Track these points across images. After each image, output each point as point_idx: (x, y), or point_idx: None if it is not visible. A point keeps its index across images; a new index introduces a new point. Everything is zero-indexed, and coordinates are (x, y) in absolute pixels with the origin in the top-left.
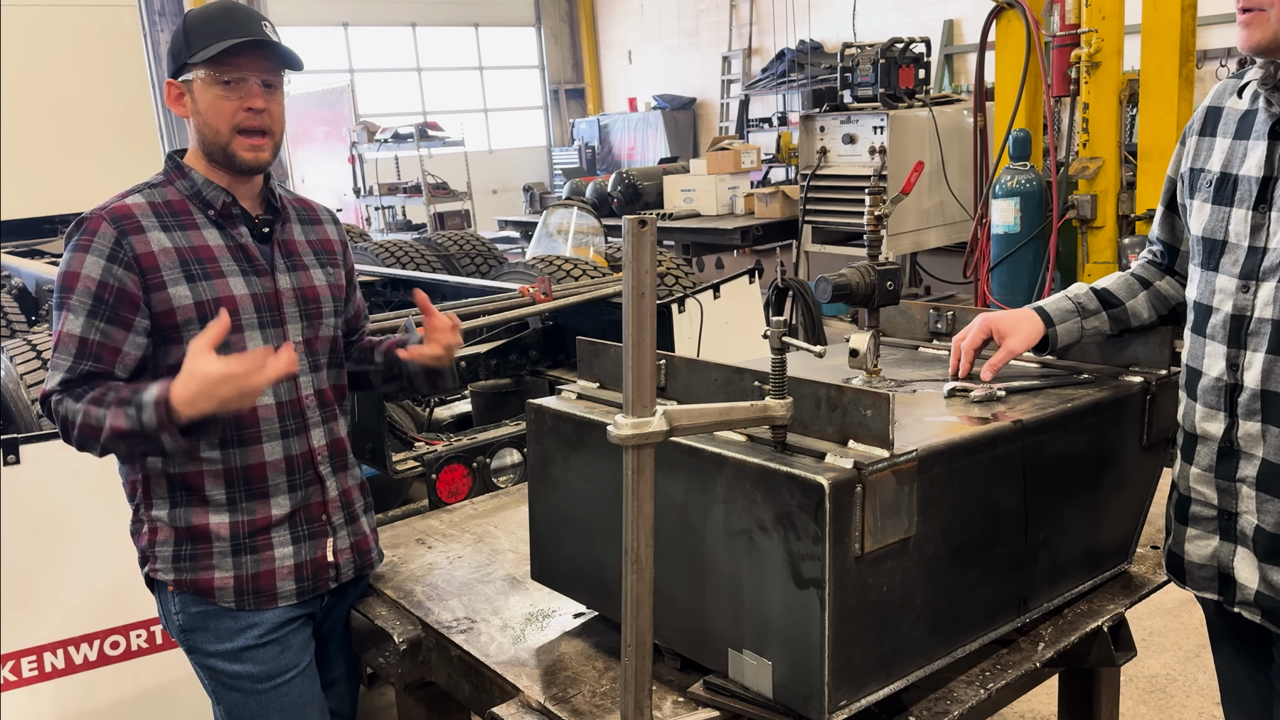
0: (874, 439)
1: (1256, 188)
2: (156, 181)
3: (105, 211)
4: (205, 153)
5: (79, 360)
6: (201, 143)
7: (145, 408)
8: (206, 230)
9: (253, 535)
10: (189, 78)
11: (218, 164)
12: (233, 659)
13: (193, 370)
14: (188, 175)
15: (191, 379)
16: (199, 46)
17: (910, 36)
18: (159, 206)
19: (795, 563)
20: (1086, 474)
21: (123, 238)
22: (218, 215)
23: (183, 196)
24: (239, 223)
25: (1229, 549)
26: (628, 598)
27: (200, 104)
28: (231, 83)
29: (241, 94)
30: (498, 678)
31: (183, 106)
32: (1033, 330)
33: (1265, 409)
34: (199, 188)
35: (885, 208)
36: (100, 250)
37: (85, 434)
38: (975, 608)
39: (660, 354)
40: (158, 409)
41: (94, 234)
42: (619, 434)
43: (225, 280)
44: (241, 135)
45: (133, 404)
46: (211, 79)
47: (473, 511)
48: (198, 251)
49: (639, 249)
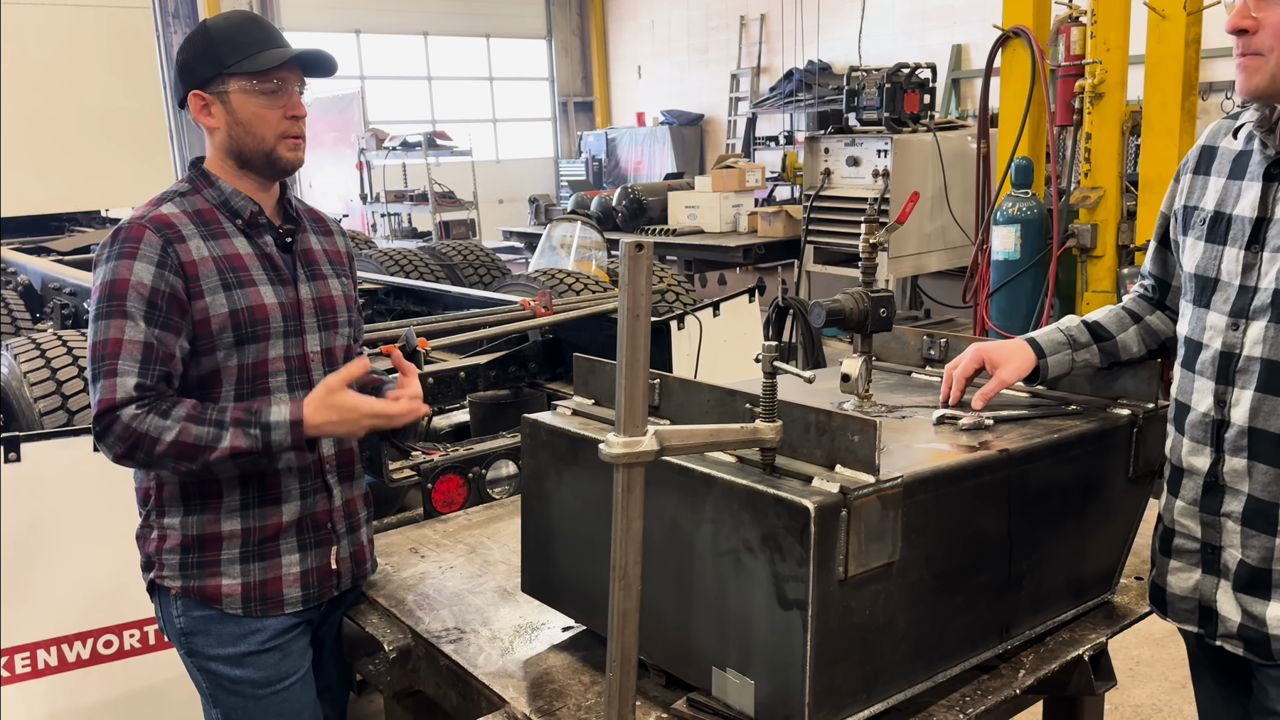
0: (860, 464)
1: (1250, 228)
2: (184, 190)
3: (146, 220)
4: (241, 160)
5: (148, 364)
6: (238, 150)
7: (276, 428)
8: (236, 239)
9: (262, 543)
10: (223, 88)
11: (254, 169)
12: (234, 664)
13: (337, 403)
14: (215, 184)
15: (334, 410)
16: (239, 56)
17: (916, 62)
18: (192, 216)
19: (780, 584)
20: (1072, 504)
21: (169, 245)
22: (245, 224)
23: (211, 205)
24: (265, 232)
25: (1211, 582)
26: (614, 614)
27: (242, 113)
28: (277, 92)
29: (283, 102)
30: (485, 688)
31: (211, 117)
32: (1024, 361)
33: (1252, 445)
34: (227, 197)
35: (880, 236)
36: (149, 256)
37: (178, 452)
38: (958, 633)
39: (655, 373)
40: (294, 430)
41: (139, 241)
42: (610, 453)
43: (257, 289)
44: (285, 138)
45: (256, 424)
46: (255, 89)
47: (466, 522)
48: (230, 260)
49: (635, 272)
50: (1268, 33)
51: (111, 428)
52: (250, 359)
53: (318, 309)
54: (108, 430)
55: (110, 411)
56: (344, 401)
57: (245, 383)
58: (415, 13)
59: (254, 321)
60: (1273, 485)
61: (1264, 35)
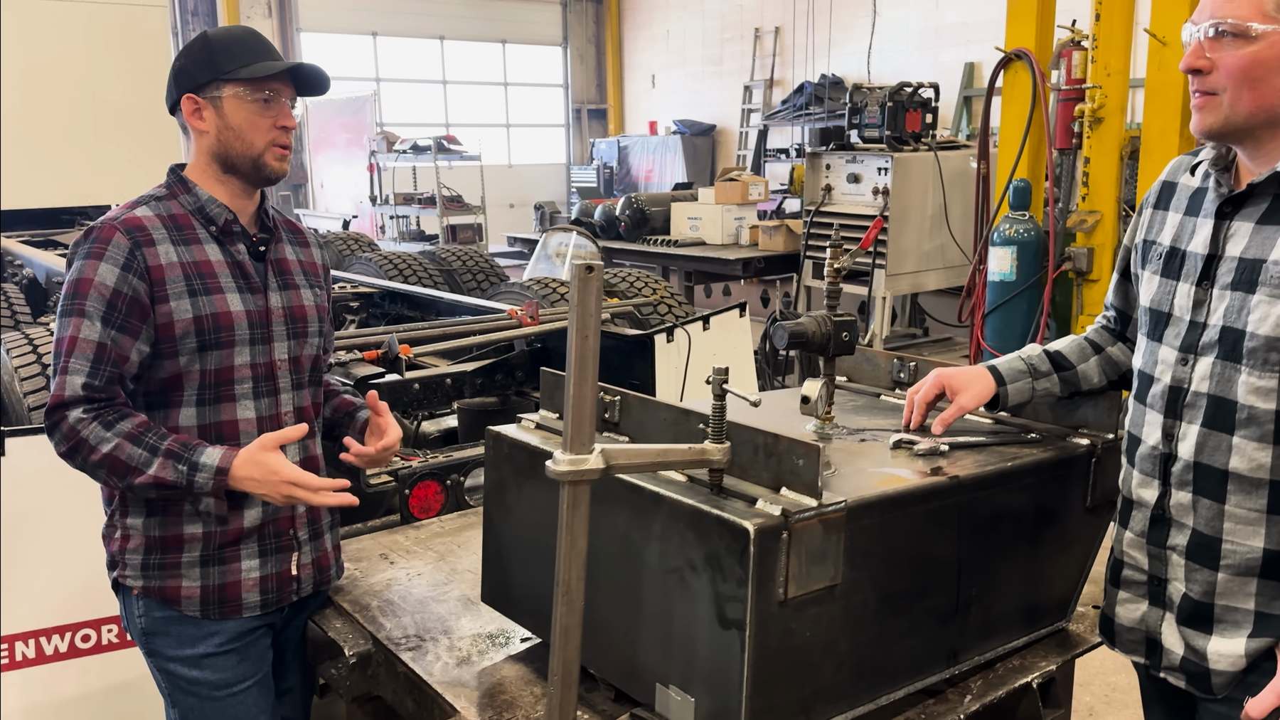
0: (804, 487)
1: (1201, 264)
2: (160, 195)
3: (118, 222)
4: (226, 165)
5: (99, 365)
6: (225, 156)
7: (203, 469)
8: (208, 245)
9: (222, 547)
10: (217, 94)
11: (239, 176)
12: (192, 665)
13: (263, 461)
14: (191, 190)
15: (258, 467)
16: (235, 65)
17: (920, 81)
18: (165, 220)
19: (721, 603)
20: (1025, 532)
21: (136, 249)
22: (219, 231)
23: (186, 211)
24: (238, 240)
25: (1157, 615)
26: (557, 628)
27: (234, 120)
28: (269, 101)
29: (275, 112)
30: (438, 697)
31: (202, 121)
32: (984, 388)
33: (1197, 480)
34: (203, 204)
35: (845, 260)
36: (115, 259)
37: (110, 466)
38: (903, 657)
39: (615, 391)
40: (218, 477)
41: (108, 243)
42: (556, 470)
43: (224, 296)
44: (274, 147)
45: (185, 461)
46: (249, 96)
47: (439, 529)
48: (199, 267)
49: (584, 293)
50: (1221, 73)
51: (58, 425)
52: (213, 365)
53: (287, 318)
54: (55, 427)
55: (59, 408)
56: (268, 462)
57: (208, 388)
58: (432, 17)
59: (218, 328)
60: (1216, 520)
61: (1218, 75)
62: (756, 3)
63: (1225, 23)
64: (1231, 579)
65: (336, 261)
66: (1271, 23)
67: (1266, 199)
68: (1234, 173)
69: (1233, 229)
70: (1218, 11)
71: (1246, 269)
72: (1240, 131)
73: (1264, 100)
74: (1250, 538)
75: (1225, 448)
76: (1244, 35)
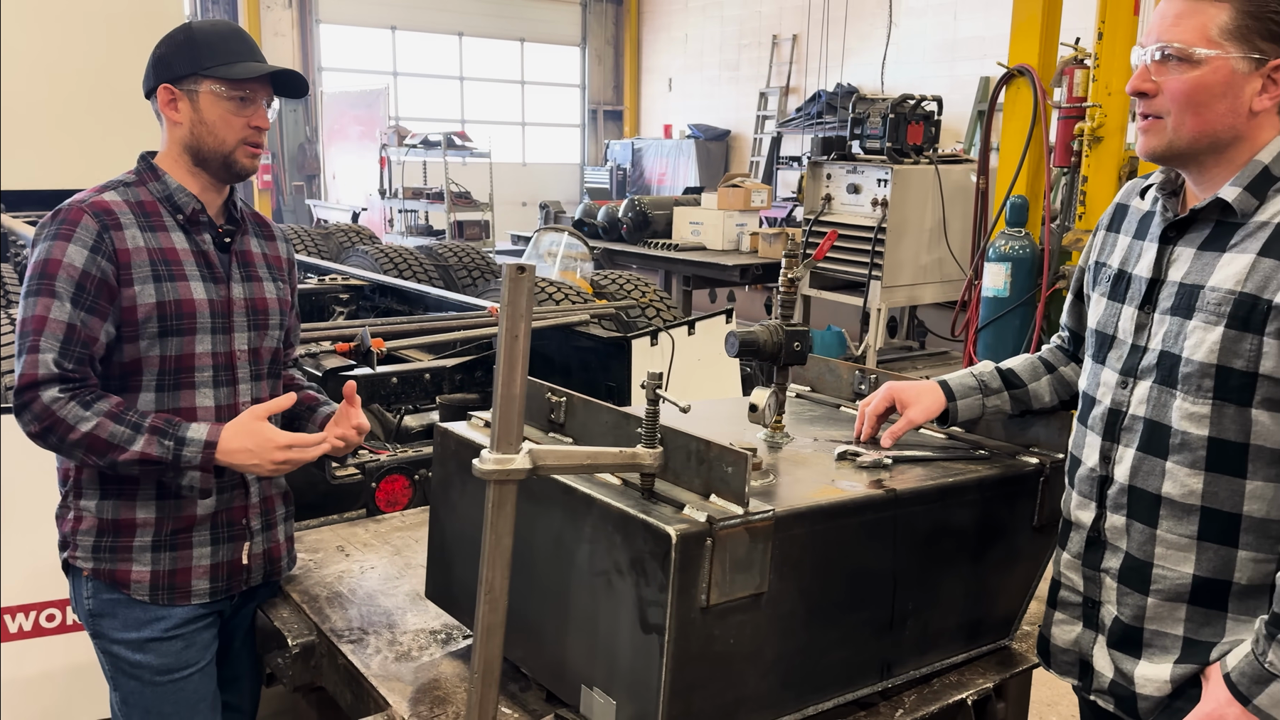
0: (732, 495)
1: (1144, 288)
2: (129, 180)
3: (86, 205)
4: (197, 158)
5: (69, 345)
6: (196, 149)
7: (190, 444)
8: (174, 233)
9: (175, 533)
10: (195, 88)
11: (209, 170)
12: (136, 648)
13: (256, 430)
14: (161, 179)
15: (251, 436)
16: (216, 61)
17: (934, 94)
18: (133, 206)
19: (643, 608)
20: (968, 548)
21: (105, 231)
22: (186, 220)
23: (154, 199)
24: (204, 230)
25: (1090, 636)
26: (479, 627)
27: (208, 115)
28: (245, 101)
29: (250, 112)
30: (373, 690)
31: (176, 112)
32: (934, 402)
33: (1131, 504)
34: (171, 192)
35: (799, 271)
36: (83, 240)
37: (90, 445)
38: (832, 668)
39: (561, 392)
40: (206, 450)
41: (75, 224)
42: (482, 468)
43: (188, 284)
44: (245, 145)
45: (171, 437)
46: (227, 94)
47: (399, 524)
48: (165, 254)
49: (515, 294)
50: (1166, 97)
51: (30, 405)
52: (173, 351)
53: (249, 309)
54: (25, 407)
55: (30, 388)
56: (262, 430)
57: (168, 374)
58: (451, 13)
59: (180, 315)
60: (1147, 545)
61: (1163, 99)
62: (775, 10)
63: (1171, 46)
64: (1161, 604)
65: (335, 253)
66: (1216, 48)
67: (1209, 225)
68: (1181, 198)
69: (1175, 254)
70: (1164, 35)
71: (1185, 294)
72: (1184, 155)
73: (1207, 125)
74: (1180, 563)
75: (1159, 472)
76: (1189, 60)
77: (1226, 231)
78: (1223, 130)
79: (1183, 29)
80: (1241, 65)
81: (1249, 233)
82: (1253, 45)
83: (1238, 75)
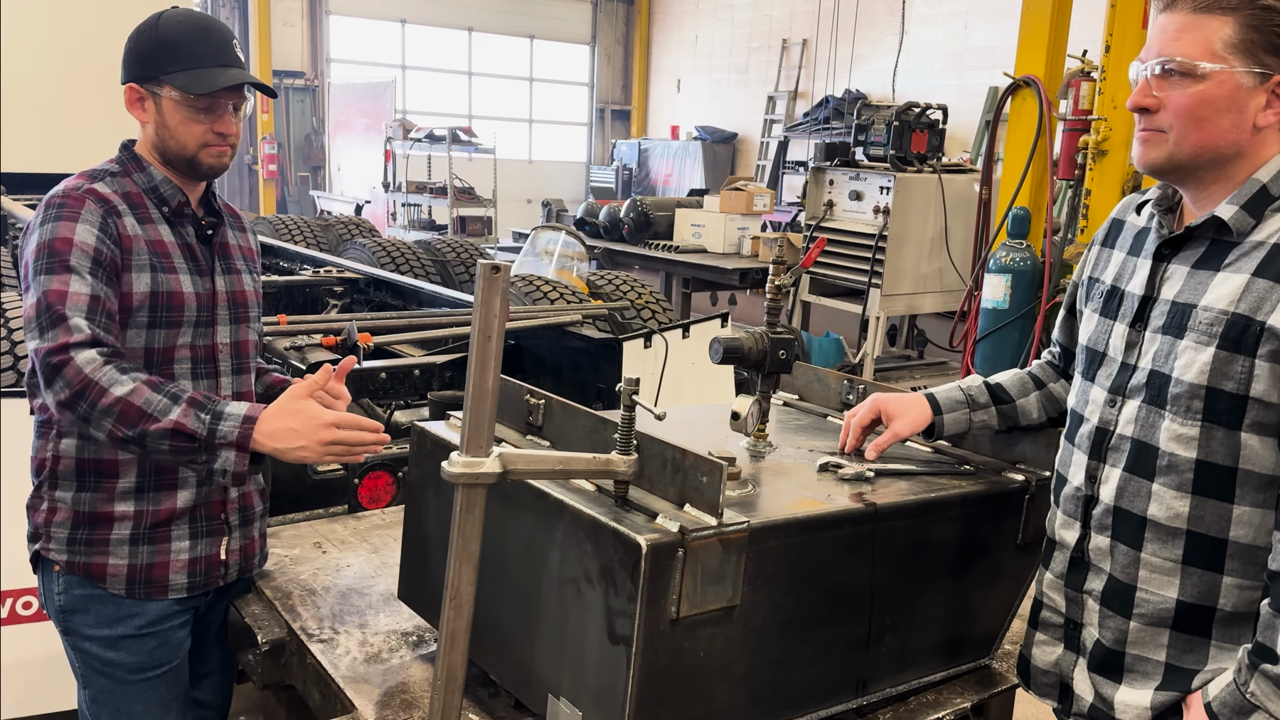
0: (706, 505)
1: (1136, 305)
2: (114, 170)
3: (84, 192)
4: (164, 158)
5: (94, 315)
6: (162, 148)
7: (228, 418)
8: (160, 226)
9: (154, 526)
10: (158, 90)
11: (175, 169)
12: (109, 645)
13: (301, 408)
14: (146, 170)
15: (296, 415)
16: (178, 66)
17: (942, 102)
18: (121, 197)
19: (611, 618)
20: (949, 565)
21: (109, 216)
22: (171, 213)
23: (140, 190)
24: (188, 222)
25: (1071, 659)
26: (443, 632)
27: (170, 119)
28: (208, 109)
29: (213, 118)
30: (340, 692)
31: (144, 111)
32: (920, 415)
33: (1115, 525)
34: (156, 184)
35: (786, 278)
36: (91, 220)
37: (122, 411)
38: (806, 684)
39: (541, 394)
40: (244, 425)
41: (80, 206)
42: (451, 471)
43: (178, 276)
44: (207, 147)
45: (209, 410)
46: (186, 101)
47: (379, 521)
48: (154, 246)
49: (489, 293)
50: (1169, 112)
51: (62, 370)
52: (160, 344)
53: (230, 302)
54: (57, 371)
55: (62, 351)
56: (308, 408)
57: (152, 367)
58: (462, 8)
59: (170, 307)
60: (1131, 567)
61: (1165, 114)
62: (786, 14)
63: (1173, 61)
64: (1144, 628)
65: (333, 245)
66: (1219, 61)
67: (1204, 243)
68: (1178, 214)
69: (1169, 272)
70: (1166, 50)
71: (1177, 313)
72: (1183, 169)
73: (1210, 140)
74: (1164, 588)
75: (1145, 494)
76: (1192, 74)
77: (1221, 250)
78: (1226, 145)
79: (1185, 43)
80: (1246, 79)
81: (1244, 252)
82: (1257, 59)
83: (1242, 90)
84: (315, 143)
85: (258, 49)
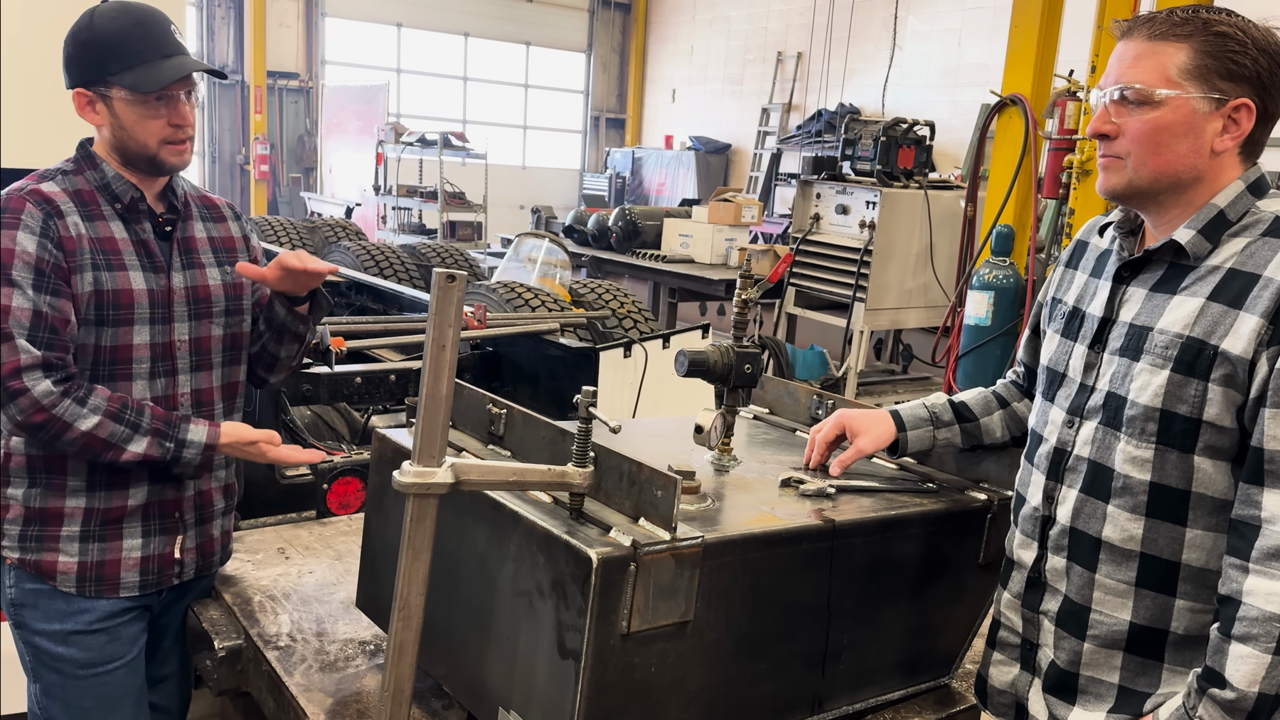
0: (660, 519)
1: (1096, 327)
2: (67, 169)
3: (26, 193)
4: (124, 158)
5: (36, 332)
6: (122, 149)
7: (191, 446)
8: (113, 223)
9: (105, 524)
10: (107, 93)
11: (137, 168)
12: (58, 641)
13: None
14: (98, 167)
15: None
16: (123, 65)
17: (915, 119)
18: (71, 195)
19: (561, 632)
20: (909, 583)
21: (49, 219)
22: (124, 209)
23: (92, 188)
24: (144, 218)
25: (1026, 679)
26: (391, 644)
27: (125, 120)
28: (161, 100)
29: (168, 111)
30: (293, 701)
31: (96, 114)
32: (884, 432)
33: (1071, 546)
34: (109, 181)
35: (753, 292)
36: (30, 227)
37: (87, 443)
38: (761, 700)
39: (502, 404)
40: (206, 453)
41: (20, 212)
42: (402, 480)
43: (126, 273)
44: (168, 144)
45: (172, 439)
46: (138, 99)
47: (345, 528)
48: (103, 243)
49: (444, 303)
50: (1127, 138)
51: (18, 398)
52: (109, 341)
53: (190, 298)
54: (13, 398)
55: (14, 376)
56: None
57: (103, 365)
58: (458, 13)
59: (117, 305)
60: (1086, 589)
61: (1124, 141)
62: (781, 26)
63: (1130, 88)
64: (1097, 650)
65: (319, 248)
66: (1175, 88)
67: (1162, 267)
68: (1140, 237)
69: (1127, 294)
70: (1123, 76)
71: (1134, 335)
72: (1143, 195)
73: (1168, 165)
74: (1118, 610)
75: (1100, 515)
76: (1149, 100)
77: (1179, 274)
78: (1184, 170)
79: (1141, 70)
80: (1202, 105)
81: (1200, 276)
82: (1212, 85)
83: (1198, 115)
84: (308, 144)
85: (253, 50)
